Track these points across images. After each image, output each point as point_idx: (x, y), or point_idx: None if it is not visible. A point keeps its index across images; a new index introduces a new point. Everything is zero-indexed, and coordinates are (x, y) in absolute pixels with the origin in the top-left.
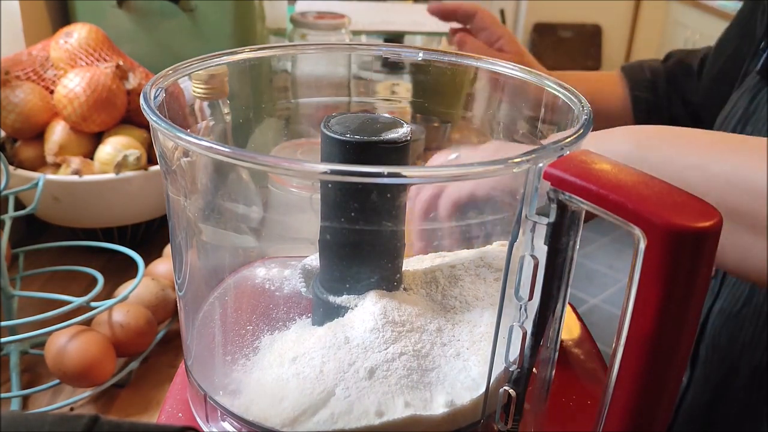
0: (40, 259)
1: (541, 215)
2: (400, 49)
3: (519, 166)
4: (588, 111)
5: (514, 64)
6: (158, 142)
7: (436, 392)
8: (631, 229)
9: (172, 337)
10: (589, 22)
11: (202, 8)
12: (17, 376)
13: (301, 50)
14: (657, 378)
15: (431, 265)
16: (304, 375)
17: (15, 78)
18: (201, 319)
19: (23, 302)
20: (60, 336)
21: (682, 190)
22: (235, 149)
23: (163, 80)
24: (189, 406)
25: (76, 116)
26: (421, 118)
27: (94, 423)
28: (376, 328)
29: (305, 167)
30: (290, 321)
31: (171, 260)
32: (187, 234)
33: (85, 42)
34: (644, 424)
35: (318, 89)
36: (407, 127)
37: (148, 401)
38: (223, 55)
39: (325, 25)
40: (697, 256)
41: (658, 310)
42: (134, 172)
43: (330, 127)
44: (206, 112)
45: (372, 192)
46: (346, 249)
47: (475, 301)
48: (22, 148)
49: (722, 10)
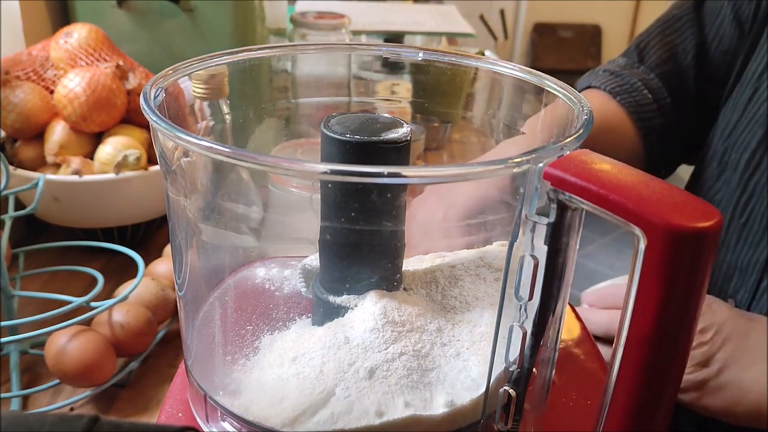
0: (40, 259)
1: (541, 215)
2: (400, 49)
3: (519, 166)
4: (588, 111)
5: (514, 64)
6: (158, 142)
7: (436, 392)
8: (631, 229)
9: (172, 337)
10: (589, 22)
11: (202, 8)
12: (17, 376)
13: (301, 50)
14: (657, 378)
15: (431, 265)
16: (304, 375)
17: (15, 78)
18: (201, 319)
19: (23, 302)
20: (60, 336)
21: (682, 190)
22: (235, 149)
23: (163, 80)
24: (189, 406)
25: (76, 116)
26: (421, 118)
27: (94, 423)
28: (376, 328)
29: (305, 167)
30: (290, 321)
31: (171, 260)
32: (187, 234)
33: (85, 42)
34: (644, 424)
35: (318, 89)
36: (407, 127)
37: (148, 401)
38: (223, 55)
39: (325, 25)
40: (697, 256)
41: (658, 310)
42: (134, 172)
43: (330, 127)
44: (206, 112)
45: (372, 192)
46: (346, 249)
47: (475, 301)
48: (22, 148)
49: None
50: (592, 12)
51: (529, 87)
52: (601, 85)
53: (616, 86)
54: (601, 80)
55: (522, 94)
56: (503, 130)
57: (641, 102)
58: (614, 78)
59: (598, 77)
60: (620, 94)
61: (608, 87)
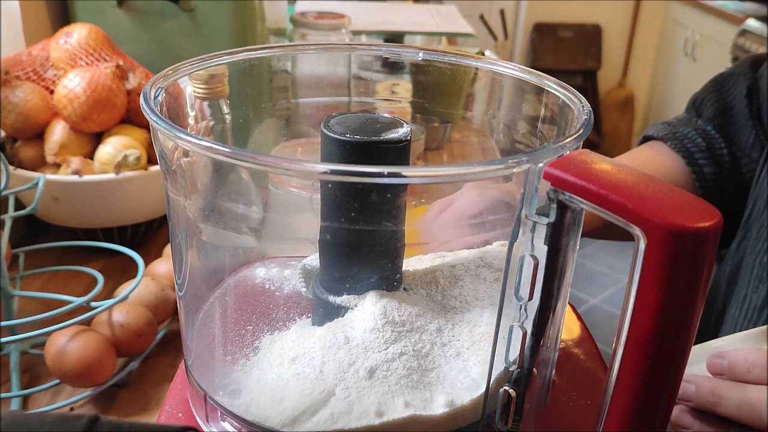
0: (40, 259)
1: (541, 215)
2: (400, 49)
3: (519, 166)
4: (588, 111)
5: (514, 64)
6: (158, 142)
7: (436, 392)
8: (631, 229)
9: (172, 337)
10: (589, 22)
11: (202, 8)
12: (17, 376)
13: (301, 50)
14: (657, 378)
15: (431, 265)
16: (304, 375)
17: (15, 78)
18: (201, 319)
19: (23, 302)
20: (60, 336)
21: (682, 191)
22: (235, 149)
23: (163, 80)
24: (189, 406)
25: (76, 116)
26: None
27: (94, 423)
28: (376, 328)
29: (305, 167)
30: (290, 321)
31: (171, 260)
32: (187, 234)
33: (85, 42)
34: (644, 424)
35: (318, 89)
36: (407, 127)
37: (148, 401)
38: (223, 55)
39: (325, 25)
40: (697, 256)
41: (658, 310)
42: (134, 172)
43: (330, 127)
44: (206, 112)
45: (372, 192)
46: (346, 249)
47: (475, 301)
48: (22, 148)
49: (722, 10)
50: (592, 12)
51: (529, 87)
52: (655, 134)
53: (668, 133)
54: (655, 129)
55: (522, 94)
56: (503, 130)
57: (692, 149)
58: (668, 127)
59: (655, 128)
60: (672, 140)
61: (660, 134)
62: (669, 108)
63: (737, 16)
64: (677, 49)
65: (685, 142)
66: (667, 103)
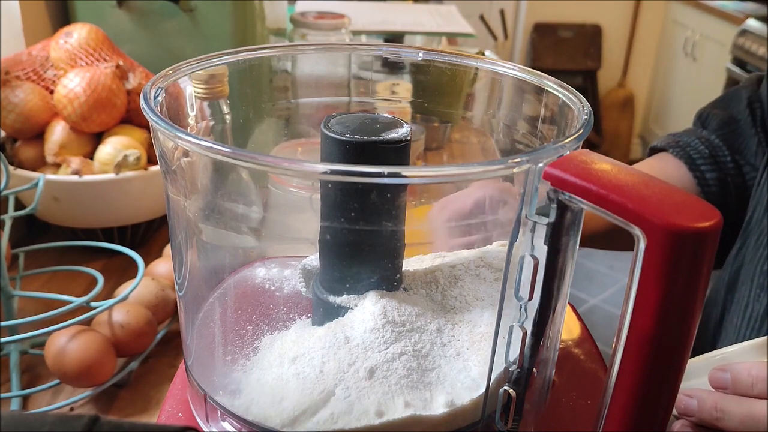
0: (40, 259)
1: (541, 215)
2: (400, 49)
3: (519, 166)
4: (588, 111)
5: (514, 64)
6: (158, 142)
7: (436, 392)
8: (631, 229)
9: (172, 337)
10: (589, 22)
11: (202, 8)
12: (17, 376)
13: (301, 50)
14: (657, 378)
15: (431, 265)
16: (304, 375)
17: (15, 78)
18: (201, 319)
19: (23, 302)
20: (60, 336)
21: (682, 191)
22: (235, 149)
23: (163, 80)
24: (189, 406)
25: (76, 116)
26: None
27: (94, 423)
28: (376, 328)
29: (305, 167)
30: (290, 321)
31: (171, 260)
32: (187, 234)
33: (85, 42)
34: (644, 424)
35: (318, 89)
36: (407, 127)
37: (148, 401)
38: (223, 55)
39: (325, 25)
40: (697, 256)
41: (658, 310)
42: (134, 172)
43: (330, 127)
44: (206, 112)
45: (372, 192)
46: (346, 249)
47: (475, 301)
48: (22, 148)
49: (722, 10)
50: (592, 12)
51: (529, 87)
52: (659, 144)
53: (672, 142)
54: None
55: (522, 94)
56: (503, 130)
57: (694, 155)
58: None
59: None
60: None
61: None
62: (669, 108)
63: (737, 16)
64: (677, 49)
65: (688, 149)
66: (667, 103)
